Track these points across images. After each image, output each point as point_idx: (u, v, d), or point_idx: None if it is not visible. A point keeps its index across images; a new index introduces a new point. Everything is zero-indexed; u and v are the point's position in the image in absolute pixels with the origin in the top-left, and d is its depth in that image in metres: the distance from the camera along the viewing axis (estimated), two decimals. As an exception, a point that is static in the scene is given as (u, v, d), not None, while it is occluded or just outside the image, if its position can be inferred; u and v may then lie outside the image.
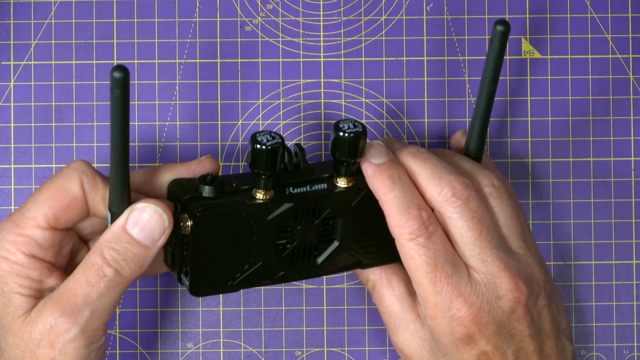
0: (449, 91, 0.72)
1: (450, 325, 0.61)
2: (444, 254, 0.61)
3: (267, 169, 0.61)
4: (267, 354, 0.72)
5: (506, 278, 0.61)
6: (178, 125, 0.72)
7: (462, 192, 0.62)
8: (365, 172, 0.63)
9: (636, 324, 0.72)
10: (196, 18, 0.72)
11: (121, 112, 0.56)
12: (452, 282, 0.61)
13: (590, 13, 0.72)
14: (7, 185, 0.72)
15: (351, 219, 0.64)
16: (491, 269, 0.61)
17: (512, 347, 0.62)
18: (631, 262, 0.72)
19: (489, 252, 0.62)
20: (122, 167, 0.59)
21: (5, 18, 0.72)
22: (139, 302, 0.71)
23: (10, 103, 0.72)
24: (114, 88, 0.55)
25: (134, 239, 0.59)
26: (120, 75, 0.54)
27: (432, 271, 0.61)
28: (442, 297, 0.61)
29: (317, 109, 0.72)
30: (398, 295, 0.66)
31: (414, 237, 0.61)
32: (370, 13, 0.72)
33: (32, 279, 0.60)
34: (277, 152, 0.60)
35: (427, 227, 0.61)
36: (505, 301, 0.61)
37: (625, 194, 0.72)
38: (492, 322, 0.61)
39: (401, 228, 0.61)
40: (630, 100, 0.72)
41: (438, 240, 0.61)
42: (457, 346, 0.62)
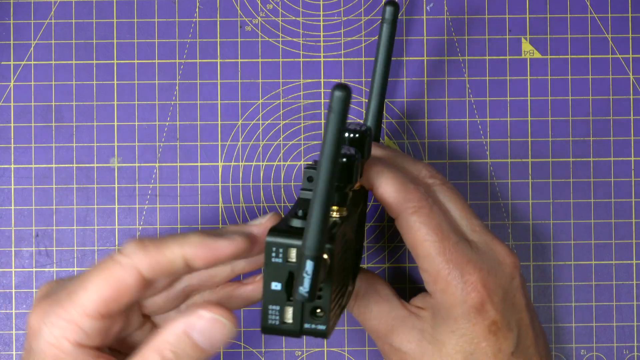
0: (449, 91, 0.72)
1: (464, 292, 0.61)
2: (447, 224, 0.62)
3: (341, 180, 0.57)
4: (267, 354, 0.72)
5: (500, 245, 0.63)
6: (178, 125, 0.72)
7: (438, 174, 0.65)
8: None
9: (636, 324, 0.72)
10: (196, 18, 0.72)
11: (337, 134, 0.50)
12: (459, 249, 0.61)
13: (590, 13, 0.72)
14: (7, 185, 0.72)
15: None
16: (484, 238, 0.63)
17: (514, 317, 0.62)
18: (631, 262, 0.72)
19: (475, 222, 0.63)
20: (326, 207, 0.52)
21: (5, 18, 0.72)
22: (139, 302, 0.71)
23: (10, 103, 0.72)
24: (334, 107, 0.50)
25: (196, 343, 0.56)
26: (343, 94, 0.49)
27: (439, 240, 0.61)
28: (453, 265, 0.61)
29: (317, 109, 0.72)
30: (385, 297, 0.66)
31: (417, 209, 0.61)
32: (370, 13, 0.72)
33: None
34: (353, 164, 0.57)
35: (427, 199, 0.62)
36: (506, 266, 0.63)
37: (625, 194, 0.72)
38: (500, 288, 0.62)
39: (402, 204, 0.62)
40: (630, 100, 0.72)
41: (439, 211, 0.62)
42: (470, 316, 0.61)
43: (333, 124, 0.50)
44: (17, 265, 0.72)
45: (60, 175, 0.72)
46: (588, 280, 0.72)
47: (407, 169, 0.65)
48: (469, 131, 0.72)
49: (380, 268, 0.72)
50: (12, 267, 0.72)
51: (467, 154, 0.72)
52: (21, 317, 0.72)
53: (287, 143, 0.72)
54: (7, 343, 0.72)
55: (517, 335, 0.62)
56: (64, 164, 0.72)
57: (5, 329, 0.72)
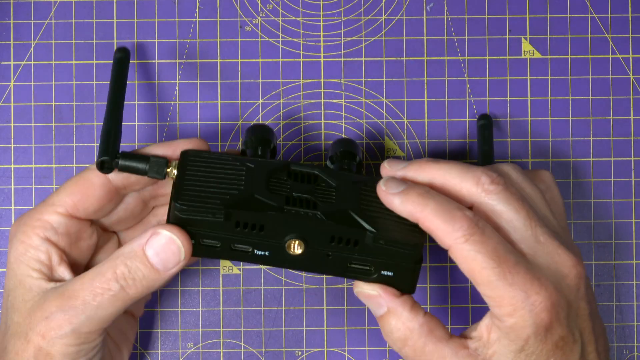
0: (449, 91, 0.72)
1: (533, 314, 0.59)
2: (503, 245, 0.59)
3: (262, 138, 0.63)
4: (267, 354, 0.72)
5: (565, 255, 0.60)
6: (178, 125, 0.72)
7: (499, 178, 0.60)
8: (392, 205, 0.61)
9: (636, 324, 0.72)
10: (196, 18, 0.72)
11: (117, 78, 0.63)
12: (520, 270, 0.59)
13: (590, 13, 0.72)
14: (7, 185, 0.72)
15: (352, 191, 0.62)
16: (547, 249, 0.60)
17: (578, 328, 0.60)
18: (631, 262, 0.72)
19: (540, 232, 0.60)
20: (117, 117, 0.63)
21: (5, 18, 0.72)
22: (139, 302, 0.71)
23: (10, 103, 0.72)
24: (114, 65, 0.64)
25: (148, 261, 0.60)
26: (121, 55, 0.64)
27: (497, 265, 0.58)
28: (517, 287, 0.58)
29: (317, 109, 0.72)
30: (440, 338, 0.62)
31: (468, 237, 0.59)
32: (370, 13, 0.72)
33: (43, 262, 0.62)
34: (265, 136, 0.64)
35: (477, 223, 0.59)
36: (571, 279, 0.60)
37: (625, 194, 0.72)
38: (565, 303, 0.59)
39: (452, 234, 0.59)
40: (630, 100, 0.72)
41: (492, 233, 0.59)
42: (540, 336, 0.59)
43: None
44: (17, 265, 0.72)
45: (60, 175, 0.72)
46: (588, 280, 0.72)
47: (463, 180, 0.61)
48: (469, 131, 0.72)
49: (380, 268, 0.72)
50: (12, 267, 0.72)
51: (467, 154, 0.72)
52: (21, 317, 0.72)
53: (287, 143, 0.72)
54: None
55: (581, 345, 0.60)
56: (64, 164, 0.72)
57: None
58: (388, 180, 0.61)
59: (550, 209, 0.63)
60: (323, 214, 0.61)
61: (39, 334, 0.60)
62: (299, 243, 0.61)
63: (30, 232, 0.62)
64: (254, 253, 0.61)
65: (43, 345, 0.60)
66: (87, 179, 0.63)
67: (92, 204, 0.63)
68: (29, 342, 0.61)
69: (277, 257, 0.62)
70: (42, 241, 0.62)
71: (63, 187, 0.63)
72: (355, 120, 0.72)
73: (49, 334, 0.60)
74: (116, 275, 0.60)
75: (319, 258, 0.62)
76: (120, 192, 0.64)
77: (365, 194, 0.62)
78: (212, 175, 0.61)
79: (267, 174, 0.62)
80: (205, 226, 0.60)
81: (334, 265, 0.62)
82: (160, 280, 0.60)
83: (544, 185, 0.65)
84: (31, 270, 0.62)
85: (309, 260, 0.62)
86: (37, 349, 0.60)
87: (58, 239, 0.63)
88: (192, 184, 0.61)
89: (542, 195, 0.63)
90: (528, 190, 0.62)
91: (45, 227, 0.62)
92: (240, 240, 0.61)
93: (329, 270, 0.62)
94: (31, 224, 0.63)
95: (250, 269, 0.72)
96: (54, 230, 0.63)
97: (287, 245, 0.61)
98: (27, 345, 0.61)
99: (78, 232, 0.64)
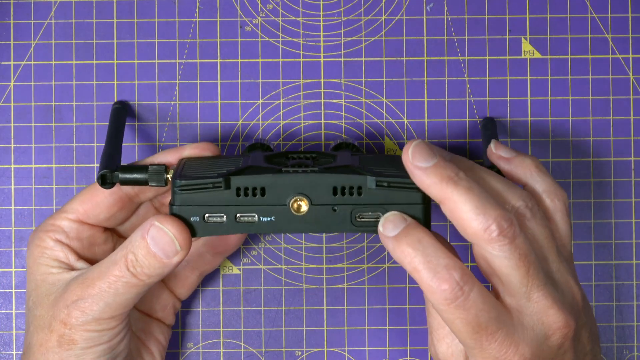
0: (449, 91, 0.72)
1: None
2: (486, 313, 0.58)
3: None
4: (267, 354, 0.72)
5: (555, 315, 0.59)
6: (178, 125, 0.72)
7: (509, 230, 0.58)
8: (387, 247, 0.60)
9: (636, 324, 0.72)
10: (196, 18, 0.72)
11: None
12: (499, 337, 0.58)
13: (590, 13, 0.72)
14: (7, 185, 0.72)
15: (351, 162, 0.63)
16: (537, 308, 0.59)
17: None
18: (631, 262, 0.72)
19: (535, 289, 0.59)
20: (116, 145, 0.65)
21: (5, 18, 0.72)
22: (139, 302, 0.72)
23: (10, 103, 0.72)
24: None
25: (150, 250, 0.61)
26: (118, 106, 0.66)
27: (476, 332, 0.58)
28: (491, 356, 0.58)
29: (317, 109, 0.72)
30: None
31: (449, 301, 0.57)
32: (370, 13, 0.72)
33: (61, 260, 0.65)
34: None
35: (462, 287, 0.57)
36: (554, 339, 0.59)
37: (625, 194, 0.72)
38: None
39: (435, 294, 0.58)
40: (630, 100, 0.72)
41: (477, 298, 0.58)
42: None
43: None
44: (17, 265, 0.72)
45: (60, 175, 0.72)
46: (588, 280, 0.72)
47: (473, 219, 0.59)
48: (469, 131, 0.72)
49: (381, 268, 0.72)
50: (12, 267, 0.72)
51: (467, 154, 0.72)
52: (21, 317, 0.72)
53: (287, 143, 0.72)
54: (7, 343, 0.72)
55: None
56: (64, 164, 0.72)
57: (5, 329, 0.72)
58: (389, 217, 0.60)
59: (557, 247, 0.62)
60: (322, 170, 0.61)
61: (62, 322, 0.62)
62: (303, 200, 0.61)
63: (44, 236, 0.65)
64: (260, 220, 0.61)
65: (66, 332, 0.62)
66: (97, 188, 0.65)
67: (102, 212, 0.66)
68: (52, 332, 0.63)
69: (283, 220, 0.61)
70: (56, 243, 0.65)
71: (76, 195, 0.66)
72: (355, 120, 0.72)
73: (70, 321, 0.62)
74: (127, 264, 0.62)
75: (325, 214, 0.61)
76: (133, 201, 0.66)
77: (365, 159, 0.64)
78: (211, 161, 0.64)
79: (265, 156, 0.64)
80: (207, 200, 0.61)
81: (342, 219, 0.61)
82: (168, 266, 0.62)
83: (559, 215, 0.63)
84: (51, 268, 0.65)
85: (315, 219, 0.61)
86: (60, 336, 0.62)
87: (70, 242, 0.65)
88: (191, 167, 0.63)
89: (551, 236, 0.61)
90: (537, 233, 0.61)
91: (57, 231, 0.65)
92: (244, 209, 0.61)
93: (337, 226, 0.61)
94: (45, 229, 0.65)
95: (250, 269, 0.72)
96: (65, 234, 0.65)
97: (291, 205, 0.61)
98: (50, 335, 0.63)
99: (90, 238, 0.66)
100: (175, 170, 0.63)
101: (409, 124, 0.72)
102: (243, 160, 0.63)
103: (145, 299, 0.69)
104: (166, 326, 0.70)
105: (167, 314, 0.70)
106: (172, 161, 0.65)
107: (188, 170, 0.62)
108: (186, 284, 0.70)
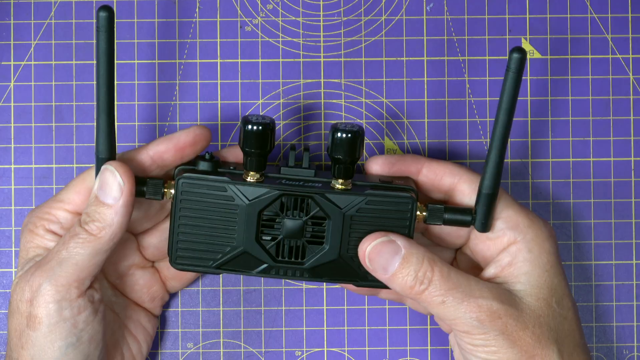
0: (449, 91, 0.72)
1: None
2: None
3: (257, 147, 0.62)
4: (267, 354, 0.72)
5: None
6: (178, 125, 0.72)
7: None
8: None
9: (636, 324, 0.72)
10: (196, 18, 0.72)
11: (106, 50, 0.61)
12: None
13: (590, 13, 0.72)
14: (7, 185, 0.72)
15: (342, 225, 0.64)
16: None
17: None
18: (631, 262, 0.72)
19: None
20: (107, 111, 0.62)
21: (5, 18, 0.72)
22: (139, 302, 0.72)
23: (10, 103, 0.72)
24: (100, 29, 0.60)
25: (98, 198, 0.63)
26: (105, 14, 0.60)
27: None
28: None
29: (317, 109, 0.72)
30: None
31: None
32: (370, 13, 0.72)
33: (48, 249, 0.65)
34: (267, 130, 0.62)
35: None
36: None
37: (625, 194, 0.72)
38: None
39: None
40: (630, 100, 0.72)
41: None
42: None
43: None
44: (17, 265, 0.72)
45: (60, 175, 0.72)
46: (588, 281, 0.72)
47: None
48: (469, 131, 0.72)
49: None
50: (12, 267, 0.72)
51: (467, 154, 0.72)
52: (21, 317, 0.72)
53: (287, 143, 0.72)
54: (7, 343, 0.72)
55: None
56: (64, 164, 0.72)
57: (5, 329, 0.72)
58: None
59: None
60: (308, 271, 0.65)
61: (27, 301, 0.63)
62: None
63: (38, 223, 0.65)
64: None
65: (32, 311, 0.63)
66: (92, 178, 0.65)
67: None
68: (21, 314, 0.63)
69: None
70: (47, 232, 0.65)
71: (72, 184, 0.66)
72: (355, 120, 0.72)
73: (33, 296, 0.63)
74: (79, 222, 0.63)
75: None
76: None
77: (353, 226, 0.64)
78: (204, 224, 0.64)
79: (258, 214, 0.64)
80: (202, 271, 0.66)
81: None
82: (116, 214, 0.63)
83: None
84: (37, 256, 0.65)
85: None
86: (27, 316, 0.63)
87: (62, 233, 0.65)
88: (185, 239, 0.65)
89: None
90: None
91: (52, 221, 0.65)
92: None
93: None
94: (40, 216, 0.65)
95: (250, 269, 0.72)
96: (60, 225, 0.65)
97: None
98: (20, 318, 0.63)
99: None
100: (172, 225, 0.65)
101: (409, 124, 0.72)
102: (237, 225, 0.64)
103: (135, 287, 0.69)
104: (153, 316, 0.70)
105: (155, 305, 0.70)
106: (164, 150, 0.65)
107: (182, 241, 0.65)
108: (181, 277, 0.70)
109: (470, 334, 0.62)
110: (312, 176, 0.65)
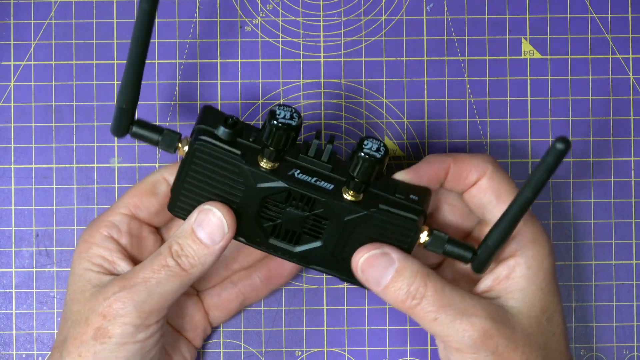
0: (449, 91, 0.72)
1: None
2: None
3: (274, 145, 0.61)
4: (267, 354, 0.72)
5: None
6: (178, 125, 0.72)
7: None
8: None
9: (636, 324, 0.72)
10: (196, 18, 0.72)
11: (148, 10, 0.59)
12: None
13: (590, 13, 0.72)
14: (7, 185, 0.72)
15: (340, 230, 0.64)
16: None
17: None
18: (631, 262, 0.72)
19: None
20: (139, 64, 0.61)
21: (5, 18, 0.72)
22: (139, 302, 0.71)
23: (10, 103, 0.72)
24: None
25: (196, 236, 0.63)
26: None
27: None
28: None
29: (317, 109, 0.72)
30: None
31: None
32: (370, 13, 0.72)
33: (104, 257, 0.65)
34: (290, 132, 0.61)
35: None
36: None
37: (625, 194, 0.72)
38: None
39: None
40: (630, 100, 0.72)
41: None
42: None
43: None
44: (17, 265, 0.72)
45: (60, 175, 0.72)
46: (588, 281, 0.72)
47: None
48: (469, 131, 0.72)
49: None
50: (12, 267, 0.72)
51: (467, 154, 0.72)
52: (21, 317, 0.72)
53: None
54: (7, 343, 0.72)
55: None
56: (64, 164, 0.72)
57: (5, 329, 0.72)
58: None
59: None
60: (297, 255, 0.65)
61: (100, 314, 0.63)
62: None
63: (95, 232, 0.66)
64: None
65: (104, 325, 0.62)
66: (148, 182, 0.66)
67: (153, 204, 0.66)
68: (88, 325, 0.63)
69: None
70: (105, 238, 0.65)
71: (127, 191, 0.67)
72: (355, 120, 0.72)
73: (110, 312, 0.62)
74: (171, 253, 0.63)
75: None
76: None
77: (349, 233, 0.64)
78: (210, 187, 0.64)
79: (262, 201, 0.64)
80: None
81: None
82: (211, 255, 0.63)
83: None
84: (91, 264, 0.65)
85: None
86: (97, 329, 0.62)
87: (120, 237, 0.65)
88: (189, 193, 0.64)
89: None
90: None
91: (109, 226, 0.66)
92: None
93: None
94: (96, 225, 0.66)
95: (250, 269, 0.72)
96: (117, 229, 0.65)
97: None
98: (86, 329, 0.63)
99: (140, 236, 0.67)
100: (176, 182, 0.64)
101: (409, 124, 0.72)
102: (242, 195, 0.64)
103: (178, 315, 0.69)
104: (193, 347, 0.70)
105: (196, 336, 0.70)
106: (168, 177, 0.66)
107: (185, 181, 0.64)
108: (226, 307, 0.70)
109: (461, 352, 0.62)
110: (329, 171, 0.64)
